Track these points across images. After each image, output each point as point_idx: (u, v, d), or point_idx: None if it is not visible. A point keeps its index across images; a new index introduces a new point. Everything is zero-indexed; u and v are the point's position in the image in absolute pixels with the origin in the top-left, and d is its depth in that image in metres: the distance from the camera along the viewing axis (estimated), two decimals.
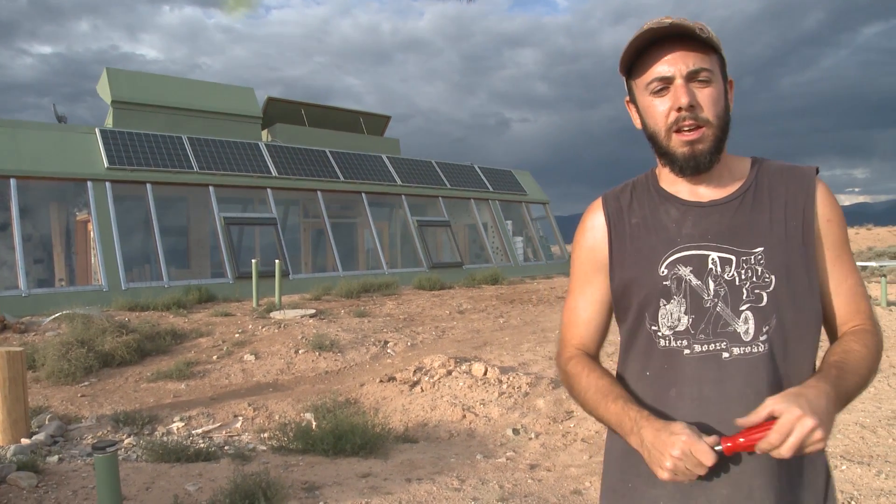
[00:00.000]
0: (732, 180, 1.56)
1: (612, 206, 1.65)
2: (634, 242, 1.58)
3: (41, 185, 15.29)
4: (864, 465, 5.07)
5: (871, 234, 63.58)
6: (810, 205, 1.51)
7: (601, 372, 1.59)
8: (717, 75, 1.48)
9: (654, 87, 1.47)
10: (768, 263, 1.46)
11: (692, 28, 1.41)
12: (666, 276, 1.51)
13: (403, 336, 10.73)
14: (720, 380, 1.44)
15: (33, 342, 9.66)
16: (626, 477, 1.59)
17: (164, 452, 5.61)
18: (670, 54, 1.45)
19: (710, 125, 1.46)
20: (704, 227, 1.51)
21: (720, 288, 1.47)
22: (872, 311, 1.56)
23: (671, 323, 1.50)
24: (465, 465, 5.50)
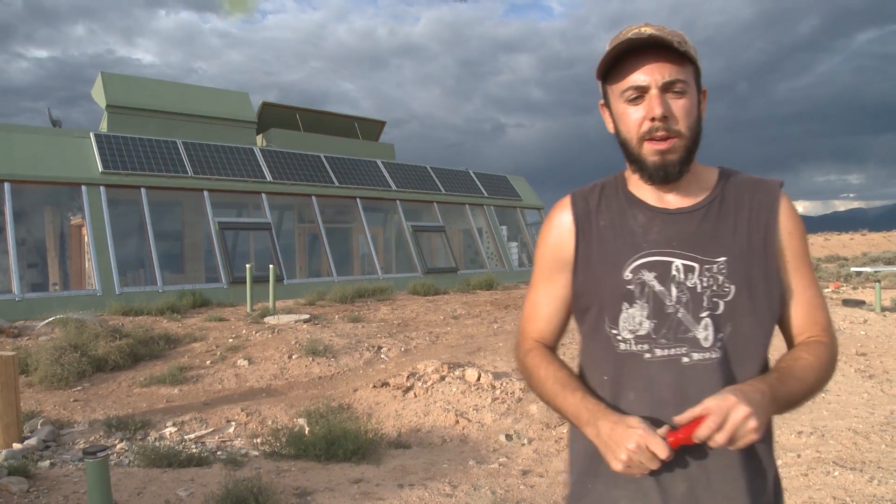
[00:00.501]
0: (700, 189, 1.60)
1: (580, 207, 1.67)
2: (601, 245, 1.61)
3: (35, 189, 15.27)
4: (857, 470, 5.08)
5: (866, 240, 63.80)
6: (773, 218, 1.55)
7: (559, 364, 1.63)
8: (692, 86, 1.51)
9: (630, 95, 1.50)
10: (730, 273, 1.50)
11: (670, 41, 1.43)
12: (630, 280, 1.54)
13: (397, 341, 10.72)
14: (679, 384, 1.48)
15: (26, 346, 9.64)
16: (586, 479, 1.62)
17: (157, 457, 5.60)
18: (647, 64, 1.47)
19: (682, 136, 1.49)
20: (670, 234, 1.55)
21: (682, 294, 1.50)
22: (830, 322, 1.61)
23: (633, 327, 1.53)
24: (457, 470, 5.50)
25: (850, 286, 21.10)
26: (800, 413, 7.08)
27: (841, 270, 28.24)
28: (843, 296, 17.70)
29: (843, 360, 9.32)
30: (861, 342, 10.67)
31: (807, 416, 6.92)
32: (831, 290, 19.98)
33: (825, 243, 64.63)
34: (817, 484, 4.87)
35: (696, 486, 1.48)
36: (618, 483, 1.53)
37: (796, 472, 5.12)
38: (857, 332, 11.71)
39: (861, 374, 8.62)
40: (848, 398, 7.57)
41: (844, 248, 57.35)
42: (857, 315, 13.43)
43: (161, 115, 18.54)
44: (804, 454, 5.59)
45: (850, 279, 24.14)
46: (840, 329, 12.00)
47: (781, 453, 5.67)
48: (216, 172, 17.28)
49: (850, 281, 23.46)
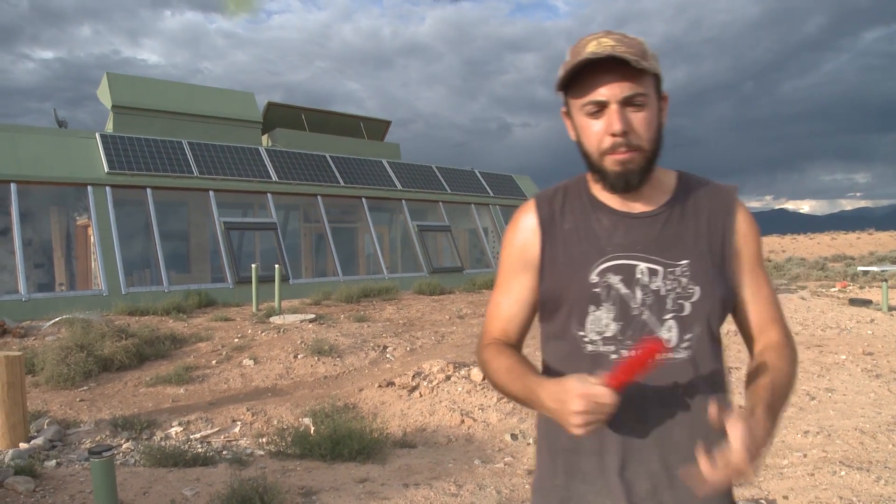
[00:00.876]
0: (660, 193, 1.63)
1: (544, 210, 1.69)
2: (567, 248, 1.63)
3: (41, 189, 15.30)
4: (864, 470, 5.06)
5: (873, 239, 63.62)
6: (730, 222, 1.61)
7: (510, 353, 1.65)
8: (652, 97, 1.52)
9: (590, 109, 1.51)
10: (692, 275, 1.55)
11: (629, 59, 1.44)
12: (597, 284, 1.57)
13: (403, 341, 10.72)
14: (644, 383, 1.50)
15: (33, 347, 9.67)
16: (553, 473, 1.66)
17: (162, 457, 5.61)
18: (607, 79, 1.48)
19: (642, 150, 1.51)
20: (634, 237, 1.59)
21: (647, 297, 1.54)
22: (784, 320, 1.68)
23: (599, 328, 1.56)
24: (462, 470, 5.50)
25: (857, 285, 21.05)
26: (806, 412, 7.06)
27: (848, 270, 28.16)
28: (850, 295, 17.66)
29: (849, 360, 9.29)
30: (868, 341, 10.64)
31: (813, 415, 6.90)
32: (838, 289, 19.92)
33: (832, 242, 64.46)
34: (823, 483, 4.85)
35: (658, 485, 1.52)
36: (585, 479, 1.58)
37: (802, 472, 5.10)
38: (864, 331, 11.69)
39: (868, 373, 8.60)
40: (855, 398, 7.55)
41: (851, 248, 57.19)
42: (864, 314, 13.40)
43: (166, 116, 18.57)
44: (810, 454, 5.57)
45: (857, 278, 24.07)
46: (847, 328, 11.97)
47: (788, 452, 5.65)
48: (222, 172, 17.31)
49: (857, 280, 23.40)
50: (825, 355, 9.65)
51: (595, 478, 1.56)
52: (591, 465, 1.57)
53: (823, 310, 14.27)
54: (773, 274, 27.76)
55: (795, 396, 7.60)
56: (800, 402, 7.43)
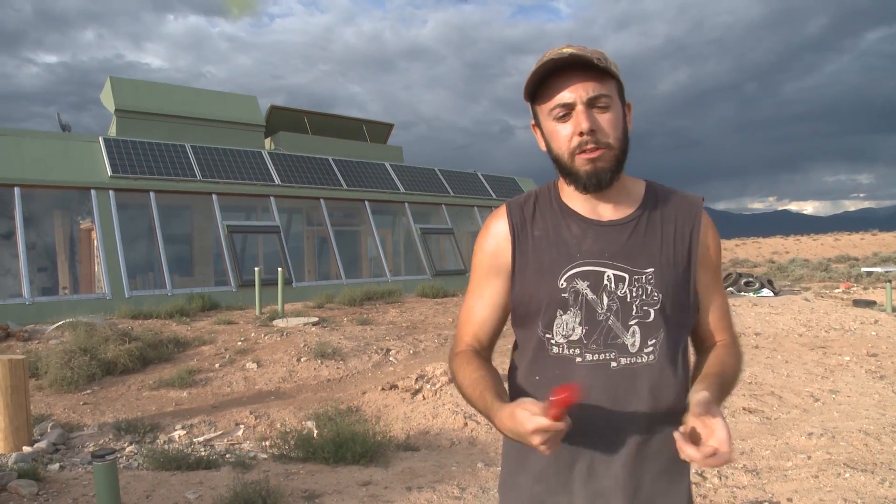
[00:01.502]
0: (629, 201, 1.70)
1: (516, 216, 1.75)
2: (536, 254, 1.69)
3: (45, 193, 15.33)
4: (868, 472, 5.05)
5: (876, 240, 63.50)
6: (696, 233, 1.68)
7: (477, 365, 1.68)
8: (616, 100, 1.59)
9: (557, 112, 1.58)
10: (657, 283, 1.61)
11: (590, 58, 1.51)
12: (564, 289, 1.63)
13: (406, 344, 10.72)
14: (608, 386, 1.59)
15: (36, 350, 9.68)
16: (513, 472, 1.73)
17: (165, 460, 5.61)
18: (571, 82, 1.55)
19: (611, 147, 1.58)
20: (602, 245, 1.64)
21: (613, 303, 1.61)
22: (733, 325, 1.81)
23: (565, 332, 1.62)
24: (466, 473, 5.49)
25: (861, 286, 21.01)
26: (810, 414, 7.05)
27: (851, 271, 28.11)
28: (854, 296, 17.63)
29: (853, 361, 9.28)
30: (872, 343, 10.63)
31: (817, 417, 6.89)
32: (842, 290, 19.89)
33: (835, 243, 64.35)
34: (828, 486, 4.84)
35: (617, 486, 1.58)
36: (540, 478, 1.64)
37: (807, 474, 5.09)
38: (868, 332, 11.67)
39: (872, 374, 8.58)
40: (859, 399, 7.53)
41: (855, 248, 57.08)
42: (868, 315, 13.37)
43: (170, 119, 18.61)
44: (815, 456, 5.56)
45: (861, 279, 24.03)
46: (851, 330, 11.95)
47: (792, 455, 5.64)
48: (225, 176, 17.33)
49: (861, 281, 23.36)
50: (829, 357, 9.64)
51: (550, 476, 1.64)
52: (545, 464, 1.64)
53: (827, 311, 14.25)
54: (777, 275, 27.76)
55: (800, 398, 7.59)
56: (804, 404, 7.42)
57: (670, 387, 1.60)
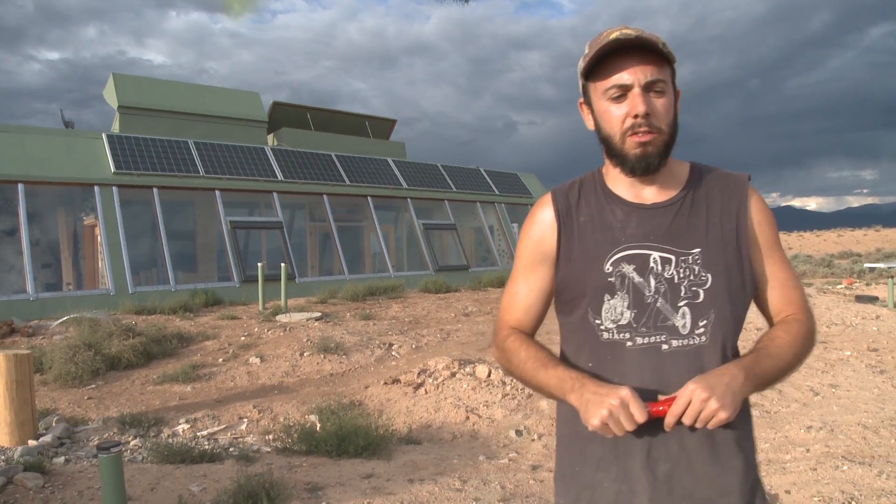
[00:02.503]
0: (674, 184, 1.69)
1: (561, 203, 1.74)
2: (581, 240, 1.68)
3: (49, 190, 15.37)
4: (866, 465, 5.08)
5: (880, 236, 63.41)
6: (743, 209, 1.66)
7: (538, 345, 1.70)
8: (670, 86, 1.59)
9: (613, 93, 1.57)
10: (705, 263, 1.60)
11: (656, 42, 1.51)
12: (611, 273, 1.62)
13: (408, 339, 10.76)
14: (660, 369, 1.58)
15: (41, 345, 9.73)
16: (572, 461, 1.71)
17: (170, 454, 5.66)
18: (631, 64, 1.55)
19: (662, 132, 1.57)
20: (647, 228, 1.64)
21: (660, 285, 1.60)
22: (805, 300, 1.73)
23: (614, 317, 1.61)
24: (467, 465, 5.53)
25: (864, 282, 21.02)
26: (810, 408, 7.08)
27: (854, 266, 28.11)
28: (857, 292, 17.63)
29: (854, 356, 9.30)
30: (873, 338, 10.64)
31: (816, 410, 6.92)
32: (844, 285, 19.89)
33: (838, 239, 64.30)
34: (826, 478, 4.88)
35: (677, 468, 1.56)
36: (600, 466, 1.62)
37: (805, 467, 5.13)
38: (870, 327, 11.68)
39: (872, 369, 8.61)
40: (858, 393, 7.56)
41: (858, 244, 57.03)
42: (870, 311, 13.38)
43: (172, 116, 18.63)
44: (813, 449, 5.59)
45: (864, 275, 24.03)
46: (852, 325, 11.96)
47: (790, 447, 5.68)
48: (228, 172, 17.36)
49: (864, 277, 23.36)
50: (830, 351, 9.66)
51: (610, 464, 1.61)
52: (605, 452, 1.62)
53: (829, 306, 14.26)
54: None
55: (799, 392, 7.61)
56: (803, 398, 7.45)
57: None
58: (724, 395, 1.42)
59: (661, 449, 1.56)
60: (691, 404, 1.42)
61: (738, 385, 1.46)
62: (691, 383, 1.44)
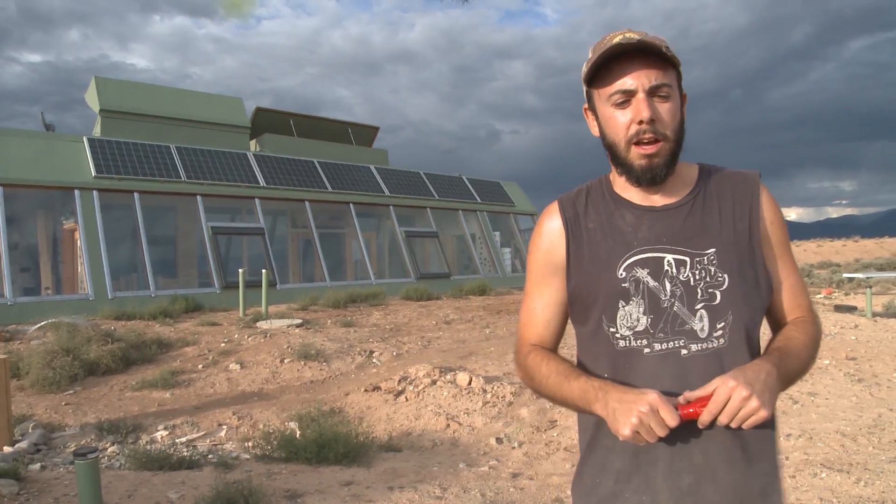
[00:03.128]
0: (683, 185, 1.63)
1: (568, 212, 1.69)
2: (592, 247, 1.63)
3: (28, 193, 15.24)
4: (844, 472, 5.11)
5: (858, 246, 63.99)
6: (756, 207, 1.60)
7: (560, 359, 1.65)
8: (675, 90, 1.54)
9: (617, 98, 1.52)
10: (720, 263, 1.54)
11: (659, 46, 1.47)
12: (624, 279, 1.56)
13: (389, 346, 10.74)
14: (680, 375, 1.51)
15: (18, 350, 9.63)
16: (592, 473, 1.64)
17: (148, 460, 5.61)
18: (634, 68, 1.50)
19: (668, 139, 1.52)
20: (659, 230, 1.58)
21: (676, 288, 1.54)
22: (812, 304, 1.69)
23: (630, 324, 1.55)
24: (447, 473, 5.52)
25: (843, 292, 21.19)
26: (789, 416, 7.12)
27: (833, 276, 28.33)
28: (836, 301, 17.77)
29: (832, 364, 9.36)
30: (851, 346, 10.72)
31: (795, 418, 6.96)
32: (823, 295, 20.04)
33: (818, 249, 64.80)
34: (804, 486, 4.90)
35: (701, 479, 1.50)
36: (620, 478, 1.57)
37: (784, 474, 5.15)
38: (848, 336, 11.76)
39: (850, 377, 8.66)
40: (837, 401, 7.61)
41: (837, 255, 57.51)
42: (849, 320, 13.47)
43: (154, 120, 18.56)
44: (792, 456, 5.62)
45: (843, 285, 24.22)
46: (831, 334, 12.04)
47: None
48: (210, 177, 17.29)
49: (843, 287, 23.55)
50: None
51: (631, 475, 1.56)
52: (626, 462, 1.56)
53: None
54: None
55: (778, 401, 7.63)
56: (782, 406, 7.49)
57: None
58: (762, 391, 1.37)
59: (685, 459, 1.51)
60: (731, 402, 1.35)
61: (773, 381, 1.41)
62: (728, 379, 1.37)
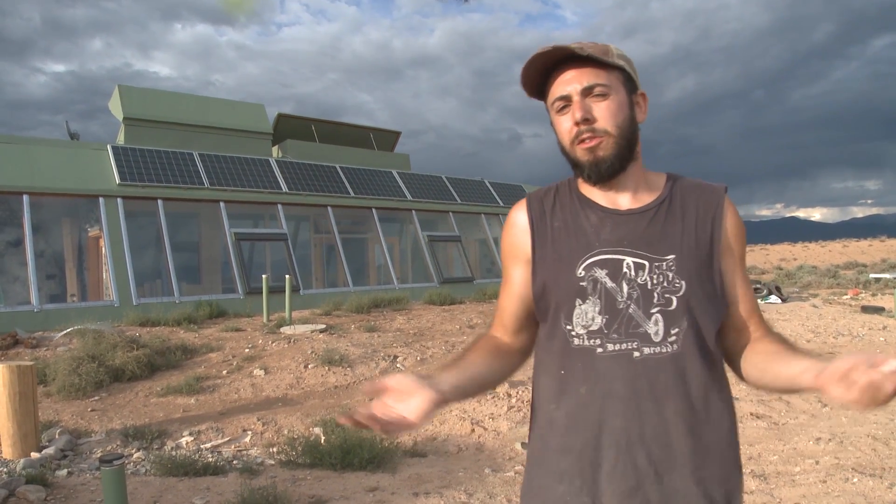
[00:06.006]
0: (649, 192, 1.68)
1: (535, 209, 1.74)
2: (555, 244, 1.67)
3: (53, 201, 15.39)
4: (876, 477, 5.03)
5: (885, 246, 63.25)
6: (719, 219, 1.64)
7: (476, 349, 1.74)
8: (617, 89, 1.60)
9: (558, 105, 1.61)
10: (679, 270, 1.57)
11: (572, 49, 1.54)
12: (583, 278, 1.60)
13: (413, 351, 10.72)
14: (630, 377, 1.54)
15: (45, 357, 9.71)
16: (535, 475, 1.67)
17: (173, 466, 5.63)
18: (568, 76, 1.58)
19: (609, 135, 1.58)
20: (621, 233, 1.62)
21: (633, 291, 1.57)
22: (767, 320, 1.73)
23: (585, 322, 1.58)
24: (473, 479, 5.49)
25: (869, 293, 20.94)
26: (818, 419, 7.03)
27: (860, 277, 28.02)
28: (862, 302, 17.56)
29: None
30: (880, 348, 10.58)
31: (825, 422, 6.87)
32: (850, 296, 19.81)
33: (843, 250, 64.15)
34: (836, 490, 4.83)
35: (645, 480, 1.51)
36: (563, 479, 1.58)
37: (815, 479, 5.07)
38: (877, 338, 11.62)
39: None
40: None
41: (863, 255, 56.88)
42: (877, 321, 13.32)
43: (177, 128, 18.68)
44: (822, 461, 5.54)
45: (869, 286, 23.94)
46: (859, 335, 11.90)
47: (800, 460, 5.62)
48: (232, 184, 17.37)
49: (869, 287, 23.28)
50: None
51: (574, 476, 1.56)
52: (571, 464, 1.57)
53: (835, 317, 14.20)
54: (785, 282, 27.66)
55: (807, 404, 7.56)
56: (812, 409, 7.39)
57: (696, 377, 1.55)
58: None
59: (630, 463, 1.51)
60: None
61: None
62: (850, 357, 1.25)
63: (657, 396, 1.52)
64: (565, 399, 1.59)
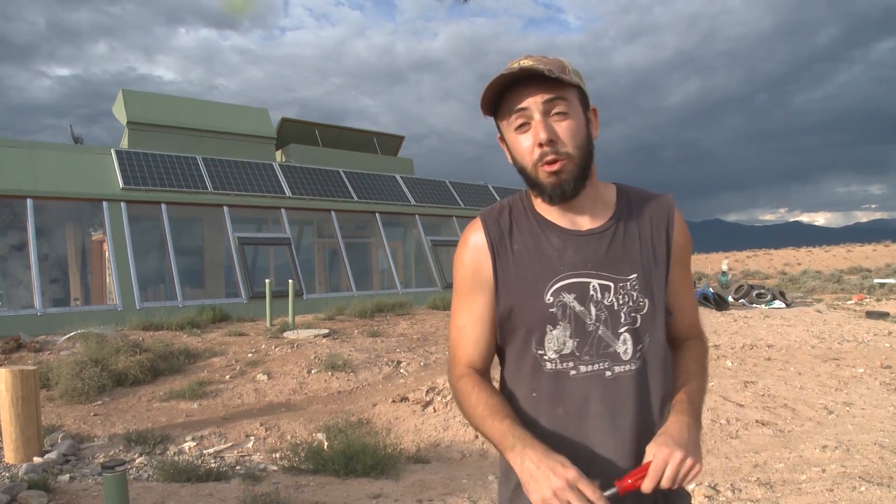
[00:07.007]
0: (604, 208, 1.70)
1: (493, 230, 1.72)
2: (519, 269, 1.66)
3: (57, 205, 15.40)
4: (884, 486, 4.99)
5: (889, 251, 63.09)
6: (671, 232, 1.70)
7: (491, 391, 1.67)
8: (576, 107, 1.59)
9: (517, 123, 1.59)
10: (642, 288, 1.62)
11: (541, 70, 1.51)
12: (552, 304, 1.61)
13: (416, 356, 10.70)
14: (604, 396, 1.59)
15: (48, 361, 9.70)
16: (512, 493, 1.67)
17: (175, 472, 5.60)
18: (527, 94, 1.56)
19: (571, 157, 1.58)
20: (585, 255, 1.63)
21: (601, 313, 1.60)
22: (701, 322, 1.87)
23: (557, 347, 1.61)
24: (477, 485, 5.46)
25: (874, 298, 20.88)
26: (824, 427, 6.99)
27: (864, 282, 27.96)
28: (867, 307, 17.51)
29: (867, 373, 9.20)
30: (886, 354, 10.54)
31: (831, 430, 6.83)
32: (854, 301, 19.76)
33: (847, 255, 64.00)
34: (843, 499, 4.79)
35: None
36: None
37: (821, 488, 5.03)
38: (882, 344, 11.57)
39: (886, 386, 8.50)
40: (873, 412, 7.46)
41: (867, 260, 56.75)
42: (882, 327, 13.28)
43: (181, 132, 18.69)
44: (829, 469, 5.50)
45: (874, 291, 23.89)
46: (864, 341, 11.86)
47: (806, 468, 5.58)
48: (236, 188, 17.37)
49: (874, 292, 23.22)
50: (842, 368, 9.56)
51: None
52: None
53: (840, 322, 14.16)
54: (789, 287, 27.62)
55: (813, 411, 7.52)
56: (818, 417, 7.36)
57: (658, 389, 1.63)
58: (693, 449, 1.46)
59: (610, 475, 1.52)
60: (669, 467, 1.42)
61: (696, 434, 1.51)
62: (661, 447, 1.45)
63: (631, 411, 1.58)
64: (542, 421, 1.61)
